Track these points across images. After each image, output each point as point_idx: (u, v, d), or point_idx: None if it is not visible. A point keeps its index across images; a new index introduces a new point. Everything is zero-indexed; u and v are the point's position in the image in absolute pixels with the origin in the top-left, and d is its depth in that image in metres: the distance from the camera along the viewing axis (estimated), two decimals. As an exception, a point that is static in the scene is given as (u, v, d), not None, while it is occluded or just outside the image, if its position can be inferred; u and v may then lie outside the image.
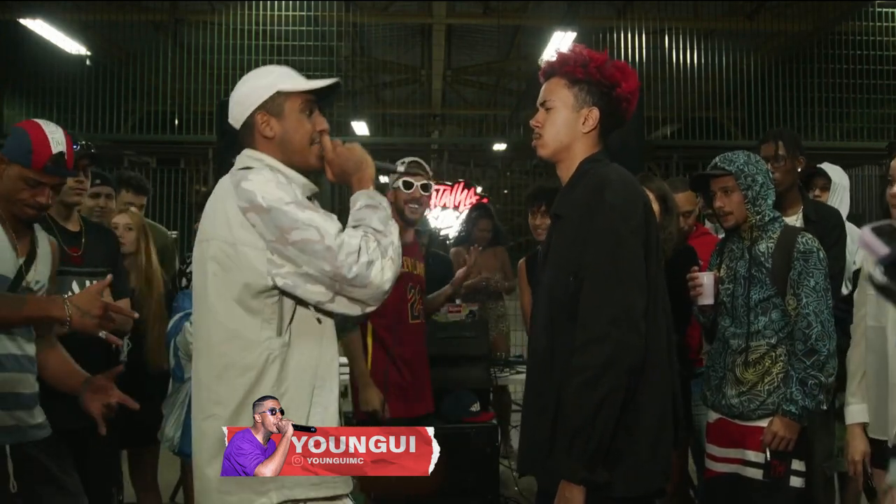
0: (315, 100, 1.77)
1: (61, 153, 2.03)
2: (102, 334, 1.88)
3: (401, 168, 1.85)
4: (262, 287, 1.60)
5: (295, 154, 1.74)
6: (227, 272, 1.62)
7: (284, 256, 1.58)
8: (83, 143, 2.71)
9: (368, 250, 1.58)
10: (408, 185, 2.88)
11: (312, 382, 1.66)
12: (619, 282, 1.73)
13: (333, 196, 7.75)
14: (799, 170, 3.05)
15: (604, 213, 1.76)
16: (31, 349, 2.07)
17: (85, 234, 2.75)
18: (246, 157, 1.75)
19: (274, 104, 1.73)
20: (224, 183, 1.69)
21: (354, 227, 1.64)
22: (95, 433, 2.66)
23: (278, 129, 1.73)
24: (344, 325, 2.07)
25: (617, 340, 1.69)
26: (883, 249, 0.71)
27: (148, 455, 3.19)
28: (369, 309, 1.64)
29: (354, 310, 1.62)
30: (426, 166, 3.04)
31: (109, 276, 1.93)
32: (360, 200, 1.70)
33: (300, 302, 1.64)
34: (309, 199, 1.72)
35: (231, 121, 1.79)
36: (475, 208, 5.78)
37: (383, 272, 1.59)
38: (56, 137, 2.05)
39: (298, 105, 1.74)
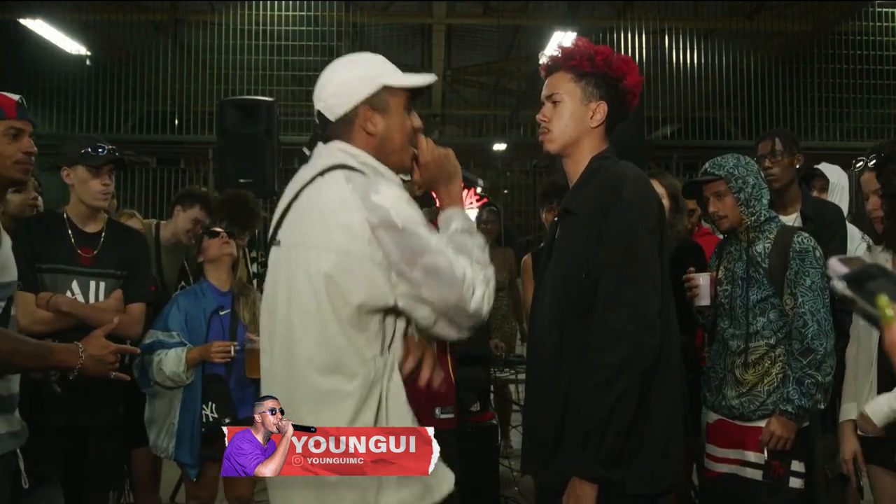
0: (412, 96, 1.68)
1: (21, 100, 2.05)
2: (113, 375, 1.91)
3: (482, 182, 1.84)
4: (382, 305, 1.51)
5: (393, 154, 1.64)
6: (343, 286, 1.50)
7: (405, 277, 1.49)
8: (110, 147, 2.71)
9: (480, 282, 1.52)
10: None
11: (411, 416, 1.57)
12: (635, 281, 1.72)
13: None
14: (798, 166, 3.06)
15: (620, 211, 1.75)
16: None
17: (105, 236, 2.72)
18: (342, 152, 1.61)
19: (380, 99, 1.61)
20: (339, 187, 1.53)
21: (457, 252, 1.54)
22: (95, 432, 2.68)
23: (382, 126, 1.61)
24: None
25: (633, 340, 1.69)
26: (843, 269, 0.81)
27: (147, 455, 3.19)
28: (464, 335, 1.57)
29: (452, 334, 1.55)
30: None
31: (116, 320, 1.96)
32: (456, 222, 1.62)
33: (399, 318, 1.56)
34: None
35: (325, 110, 1.64)
36: (483, 206, 5.78)
37: (486, 303, 1.54)
38: (8, 94, 2.06)
39: (403, 101, 1.64)
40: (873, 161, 2.35)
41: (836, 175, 3.60)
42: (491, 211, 5.35)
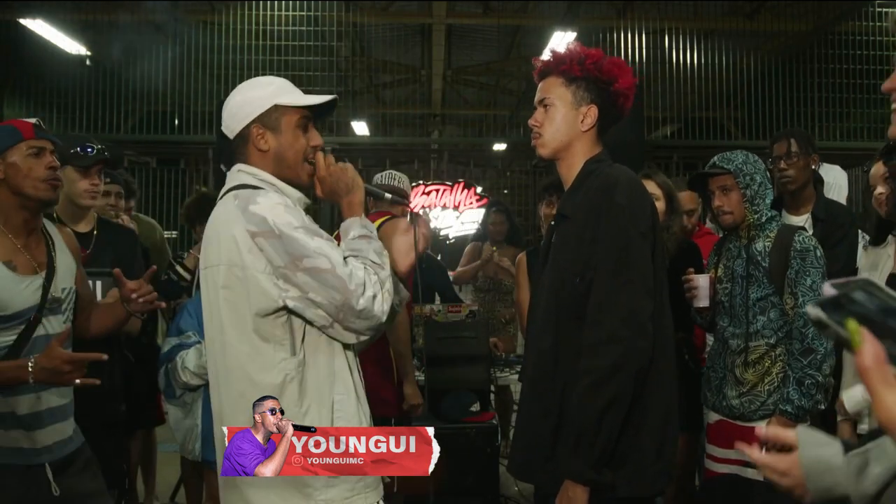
0: (311, 115, 1.76)
1: (38, 122, 2.07)
2: (78, 383, 1.87)
3: (388, 196, 1.90)
4: (273, 308, 1.58)
5: (288, 170, 1.73)
6: (238, 297, 1.60)
7: (292, 282, 1.57)
8: (98, 147, 2.73)
9: (371, 283, 1.59)
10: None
11: (332, 396, 1.64)
12: (627, 284, 1.73)
13: (333, 214, 7.71)
14: (813, 167, 3.05)
15: (613, 214, 1.76)
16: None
17: (97, 234, 2.76)
18: (241, 172, 1.72)
19: (270, 118, 1.71)
20: (228, 205, 1.64)
21: (353, 256, 1.64)
22: (97, 430, 2.68)
23: (273, 143, 1.71)
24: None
25: (625, 344, 1.69)
26: (831, 291, 0.79)
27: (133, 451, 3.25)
28: (363, 339, 1.64)
29: (349, 338, 1.63)
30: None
31: (66, 329, 1.93)
32: (354, 230, 1.70)
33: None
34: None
35: (225, 130, 1.77)
36: (490, 204, 5.79)
37: (383, 305, 1.61)
38: (25, 119, 2.09)
39: (295, 120, 1.73)
40: (883, 152, 2.39)
41: (832, 175, 3.61)
42: (498, 211, 5.32)
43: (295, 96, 1.74)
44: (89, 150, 2.69)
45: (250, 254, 1.57)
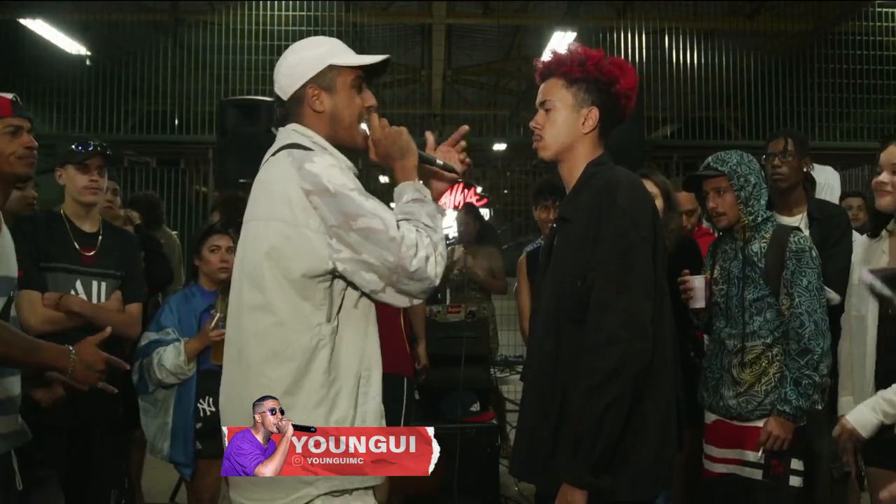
0: (364, 76, 1.75)
1: (15, 98, 2.06)
2: (100, 384, 1.87)
3: (440, 162, 1.85)
4: (322, 270, 1.57)
5: (343, 130, 1.72)
6: (285, 255, 1.58)
7: (345, 242, 1.55)
8: (97, 143, 2.73)
9: (424, 245, 1.58)
10: None
11: (359, 372, 1.64)
12: (627, 287, 1.72)
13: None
14: (805, 170, 3.06)
15: (614, 217, 1.75)
16: None
17: (102, 236, 2.76)
18: (294, 132, 1.71)
19: (325, 78, 1.71)
20: (282, 162, 1.63)
21: (406, 220, 1.62)
22: (96, 432, 2.68)
23: (329, 104, 1.71)
24: None
25: (625, 345, 1.68)
26: (869, 277, 0.83)
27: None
28: (416, 302, 1.63)
29: (402, 301, 1.62)
30: None
31: (108, 330, 1.90)
32: (408, 193, 1.68)
33: (349, 287, 1.62)
34: None
35: (278, 91, 1.76)
36: (462, 209, 5.90)
37: (436, 267, 1.59)
38: (1, 94, 2.07)
39: (350, 80, 1.72)
40: None
41: (824, 175, 3.62)
42: (466, 213, 5.40)
43: (349, 56, 1.73)
44: (88, 147, 2.70)
45: (304, 211, 1.56)
